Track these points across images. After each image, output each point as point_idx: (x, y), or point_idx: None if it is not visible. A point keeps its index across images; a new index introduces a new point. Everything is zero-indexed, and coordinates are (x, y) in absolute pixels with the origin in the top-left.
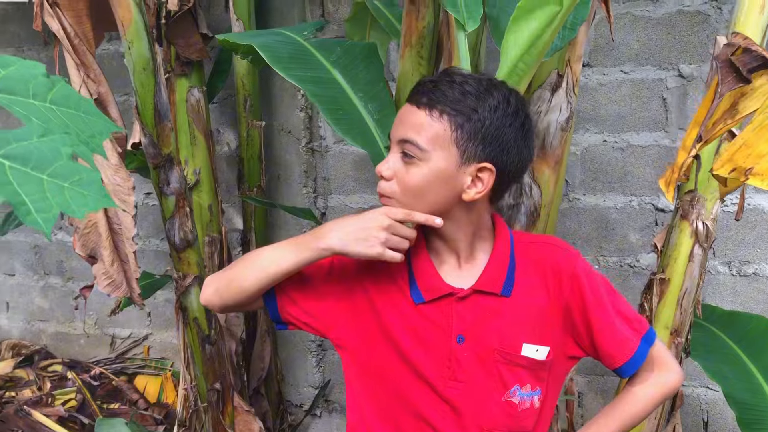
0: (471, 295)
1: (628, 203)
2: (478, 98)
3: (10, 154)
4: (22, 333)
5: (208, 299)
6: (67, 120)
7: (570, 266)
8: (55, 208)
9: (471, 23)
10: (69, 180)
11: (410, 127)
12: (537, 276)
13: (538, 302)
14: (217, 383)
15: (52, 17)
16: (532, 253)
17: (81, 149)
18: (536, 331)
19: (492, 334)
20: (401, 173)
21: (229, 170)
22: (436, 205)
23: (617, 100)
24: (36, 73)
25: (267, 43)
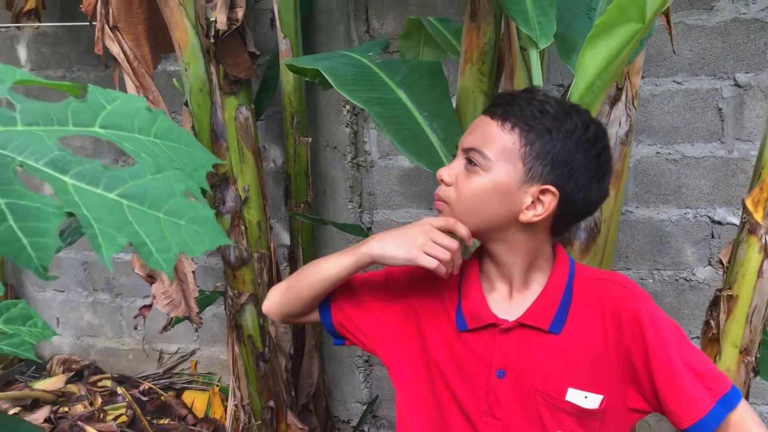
0: (516, 328)
1: (683, 216)
2: (556, 119)
3: (127, 193)
4: (72, 348)
5: (269, 308)
6: (171, 154)
7: (632, 308)
8: (174, 248)
9: (543, 40)
10: (185, 218)
11: (479, 135)
12: (595, 316)
13: (592, 345)
14: (271, 401)
15: (112, 41)
16: (593, 291)
17: (190, 184)
18: (587, 376)
19: (535, 373)
20: (461, 180)
21: (275, 186)
22: (491, 221)
23: (670, 111)
24: (139, 106)
25: (332, 66)
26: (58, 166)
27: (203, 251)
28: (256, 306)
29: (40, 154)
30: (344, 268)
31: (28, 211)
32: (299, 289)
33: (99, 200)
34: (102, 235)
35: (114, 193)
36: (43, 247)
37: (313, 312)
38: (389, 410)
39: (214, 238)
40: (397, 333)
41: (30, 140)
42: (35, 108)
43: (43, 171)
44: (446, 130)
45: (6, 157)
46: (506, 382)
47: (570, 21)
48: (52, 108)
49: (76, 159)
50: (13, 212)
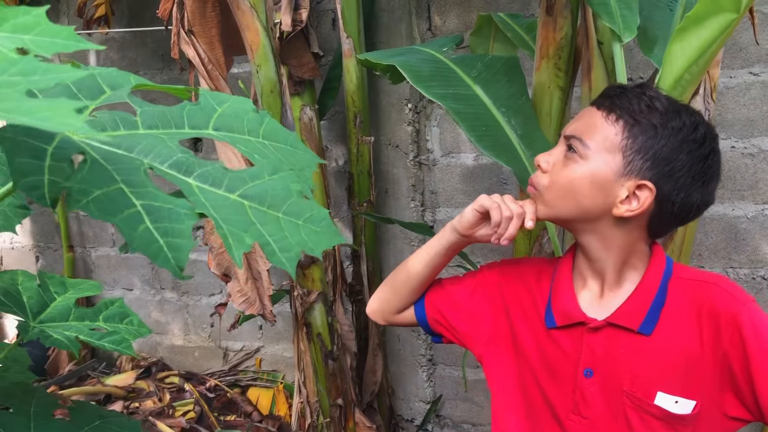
0: (605, 327)
1: (761, 212)
2: (663, 116)
3: (248, 194)
4: (140, 346)
5: (371, 309)
6: (279, 155)
7: (732, 311)
8: (295, 247)
9: (627, 34)
10: (302, 217)
11: (582, 124)
12: (690, 318)
13: (685, 348)
14: (339, 399)
15: (188, 44)
16: (690, 292)
17: (303, 184)
18: (678, 381)
19: (623, 374)
20: (558, 167)
21: (338, 185)
22: (584, 210)
23: (746, 104)
24: (247, 108)
25: (407, 61)
26: (182, 168)
27: (321, 250)
28: (325, 304)
29: (164, 156)
30: (433, 250)
31: (162, 213)
32: (395, 284)
33: (223, 201)
34: (231, 235)
35: (236, 194)
36: (178, 248)
37: (409, 309)
38: (452, 409)
39: (330, 237)
40: (488, 330)
41: (153, 143)
42: (153, 111)
43: (169, 173)
44: (524, 126)
45: (135, 160)
46: (594, 381)
47: (650, 14)
48: (168, 111)
49: (198, 161)
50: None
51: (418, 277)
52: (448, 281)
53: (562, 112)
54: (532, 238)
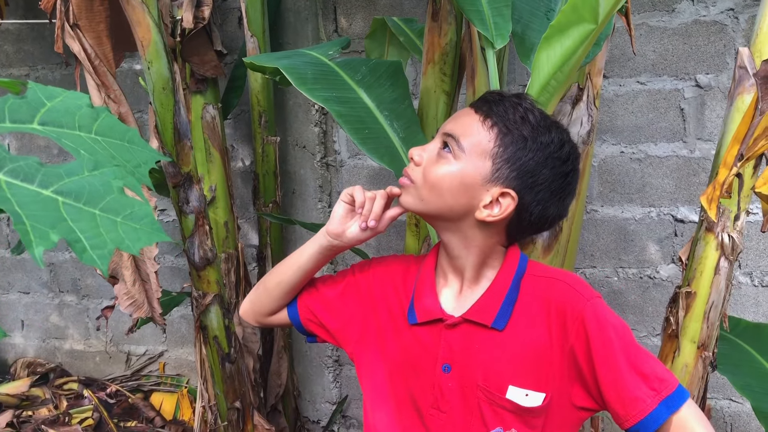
0: (461, 324)
1: (647, 214)
2: (535, 129)
3: (63, 190)
4: (37, 351)
5: (243, 311)
6: (113, 151)
7: (578, 308)
8: (109, 244)
9: (499, 41)
10: (121, 214)
11: (460, 125)
12: (540, 314)
13: (536, 342)
14: (237, 402)
15: (73, 39)
16: (540, 289)
17: (130, 181)
18: (529, 374)
19: (477, 369)
20: (430, 162)
21: (244, 186)
22: (449, 210)
23: (634, 111)
24: (81, 103)
25: (293, 64)
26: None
27: (140, 248)
28: (221, 306)
29: None
30: (306, 255)
31: None
32: (268, 286)
33: (33, 197)
34: (34, 231)
35: (49, 190)
36: None
37: (282, 311)
38: (359, 410)
39: (151, 234)
40: (358, 329)
41: None
42: None
43: None
44: (407, 130)
45: None
46: (451, 376)
47: (529, 21)
48: None
49: (10, 156)
50: None
51: (290, 281)
52: (320, 281)
53: (448, 115)
54: (420, 238)
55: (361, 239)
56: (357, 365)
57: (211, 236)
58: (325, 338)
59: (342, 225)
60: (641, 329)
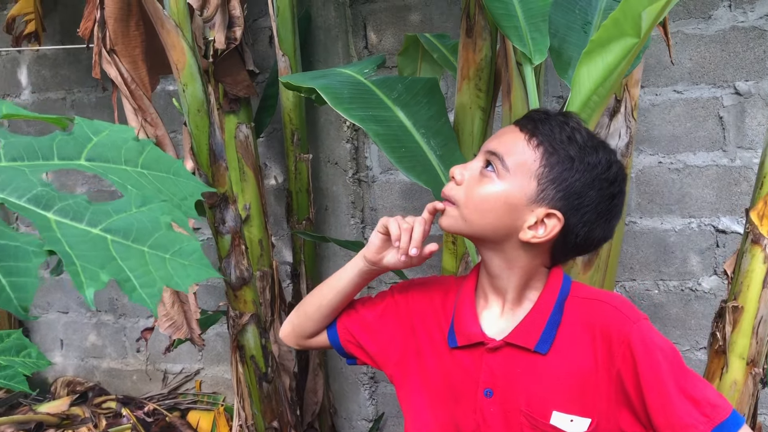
0: (503, 347)
1: (687, 225)
2: (582, 150)
3: (111, 228)
4: (76, 370)
5: (283, 333)
6: (159, 184)
7: (624, 331)
8: (159, 282)
9: (538, 56)
10: (170, 251)
11: (504, 143)
12: (584, 337)
13: (580, 366)
14: (274, 421)
15: (110, 64)
16: (585, 311)
17: (177, 215)
18: (573, 399)
19: (520, 394)
20: (473, 181)
21: (277, 203)
22: (492, 230)
23: (671, 121)
24: (126, 137)
25: (328, 84)
26: (41, 202)
27: (189, 285)
28: (258, 326)
29: (22, 190)
30: (345, 278)
31: (7, 251)
32: (308, 308)
33: (82, 236)
34: (84, 272)
35: (98, 228)
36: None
37: (323, 333)
38: (395, 427)
39: (200, 271)
40: (398, 351)
41: (13, 176)
42: (20, 142)
43: (25, 208)
44: (444, 147)
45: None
46: (493, 401)
47: (565, 35)
48: (37, 142)
49: (59, 195)
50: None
51: (330, 304)
52: (359, 302)
53: (484, 132)
54: (458, 256)
55: (400, 266)
56: (397, 388)
57: (247, 256)
58: (365, 360)
59: (378, 254)
60: (684, 343)
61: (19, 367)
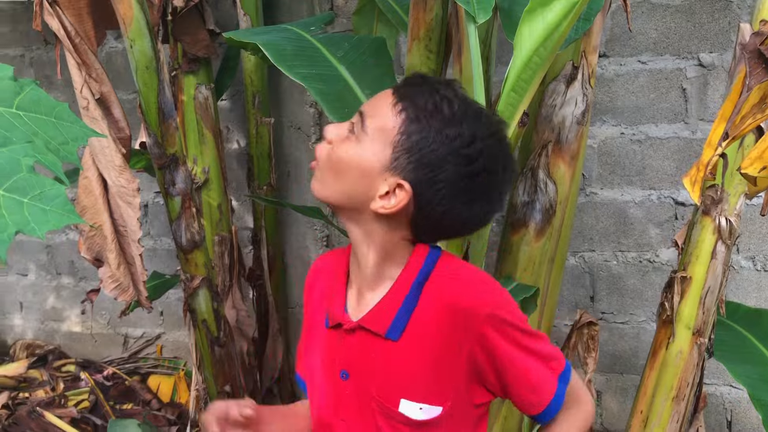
0: (357, 330)
1: (647, 197)
2: (443, 121)
3: None
4: (36, 333)
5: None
6: (35, 126)
7: (483, 312)
8: (11, 227)
9: (482, 15)
10: (29, 194)
11: (373, 104)
12: (441, 318)
13: (434, 352)
14: (227, 385)
15: (51, 16)
16: (441, 291)
17: (48, 158)
18: (424, 388)
19: (373, 379)
20: (338, 142)
21: (239, 168)
22: (348, 197)
23: (635, 91)
24: (2, 76)
25: (272, 40)
26: None
27: (46, 231)
28: (210, 290)
29: None
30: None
31: None
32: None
33: None
34: None
35: None
36: None
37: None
38: None
39: (61, 216)
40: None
41: None
42: None
43: None
44: None
45: None
46: (348, 383)
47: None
48: None
49: None
50: None
51: None
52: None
53: None
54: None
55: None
56: None
57: (198, 219)
58: None
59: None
60: (640, 314)
61: None
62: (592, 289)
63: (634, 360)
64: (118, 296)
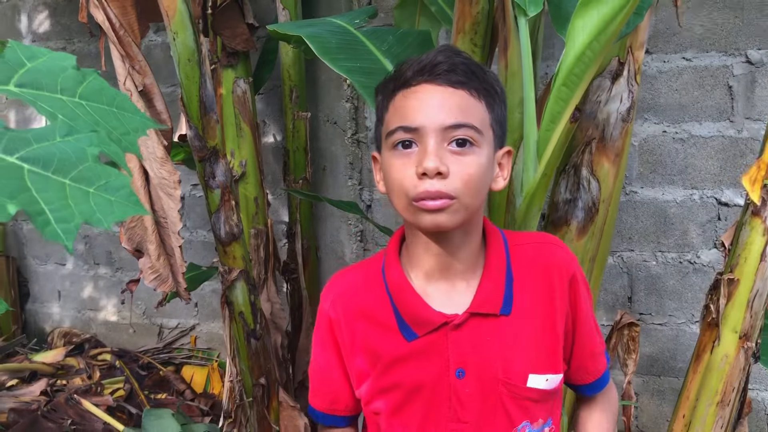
0: (468, 320)
1: (689, 197)
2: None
3: (29, 156)
4: (73, 321)
5: None
6: (98, 116)
7: (572, 268)
8: (77, 218)
9: (533, 8)
10: (94, 185)
11: (452, 109)
12: (540, 284)
13: (543, 317)
14: (262, 378)
15: (97, 8)
16: (532, 256)
17: (112, 148)
18: (545, 357)
19: (494, 363)
20: (455, 166)
21: (275, 162)
22: (481, 204)
23: (678, 89)
24: (66, 65)
25: (316, 33)
26: None
27: (111, 222)
28: (247, 282)
29: None
30: None
31: None
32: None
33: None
34: None
35: (14, 157)
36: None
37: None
38: None
39: (126, 207)
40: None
41: None
42: None
43: None
44: None
45: None
46: (467, 381)
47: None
48: None
49: None
50: None
51: None
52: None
53: None
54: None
55: None
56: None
57: (237, 211)
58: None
59: None
60: (680, 316)
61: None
62: (630, 289)
63: (672, 362)
64: (157, 287)
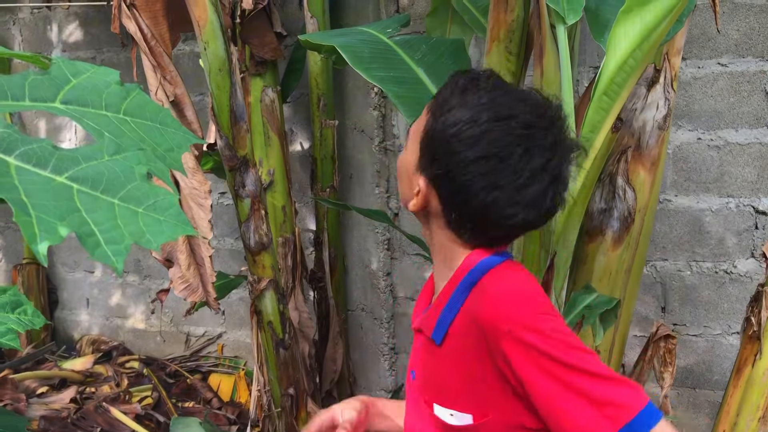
0: (417, 333)
1: (725, 205)
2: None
3: (78, 176)
4: (101, 329)
5: None
6: (142, 133)
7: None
8: (127, 239)
9: (572, 16)
10: (143, 204)
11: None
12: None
13: (465, 362)
14: (290, 388)
15: (129, 19)
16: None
17: (157, 166)
18: (456, 394)
19: (423, 379)
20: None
21: (302, 170)
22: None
23: (713, 95)
24: (110, 81)
25: (349, 42)
26: (2, 145)
27: (161, 243)
28: (276, 291)
29: None
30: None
31: None
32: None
33: (44, 184)
34: (39, 223)
35: (63, 176)
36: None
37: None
38: None
39: (176, 227)
40: None
41: None
42: None
43: None
44: None
45: None
46: (414, 383)
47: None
48: (6, 81)
49: (23, 138)
50: None
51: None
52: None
53: None
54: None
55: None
56: None
57: (267, 221)
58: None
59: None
60: (715, 327)
61: (12, 324)
62: (664, 300)
63: (708, 375)
64: (187, 297)
